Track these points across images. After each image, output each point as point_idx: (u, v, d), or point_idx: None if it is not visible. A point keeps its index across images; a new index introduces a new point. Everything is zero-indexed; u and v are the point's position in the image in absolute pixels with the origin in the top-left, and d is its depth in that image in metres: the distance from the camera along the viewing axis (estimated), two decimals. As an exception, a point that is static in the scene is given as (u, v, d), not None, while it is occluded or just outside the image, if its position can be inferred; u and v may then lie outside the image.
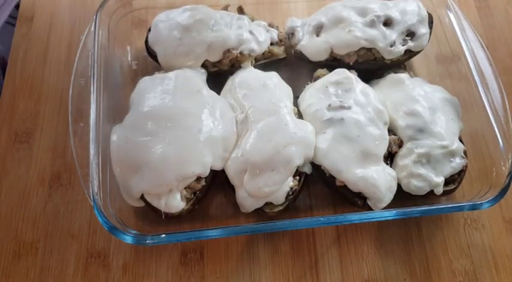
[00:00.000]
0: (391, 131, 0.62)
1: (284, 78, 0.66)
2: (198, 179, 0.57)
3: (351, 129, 0.58)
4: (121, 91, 0.68)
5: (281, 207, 0.58)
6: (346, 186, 0.57)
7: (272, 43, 0.69)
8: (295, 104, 0.64)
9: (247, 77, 0.64)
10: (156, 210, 0.56)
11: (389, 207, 0.57)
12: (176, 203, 0.56)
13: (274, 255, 0.60)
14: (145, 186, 0.55)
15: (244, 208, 0.58)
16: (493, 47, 0.76)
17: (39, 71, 0.72)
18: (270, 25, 0.71)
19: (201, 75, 0.64)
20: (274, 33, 0.70)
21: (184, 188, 0.57)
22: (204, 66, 0.65)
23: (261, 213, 0.58)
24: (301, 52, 0.68)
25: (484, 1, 0.82)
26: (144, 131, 0.56)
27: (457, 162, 0.59)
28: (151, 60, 0.68)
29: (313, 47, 0.67)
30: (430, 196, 0.59)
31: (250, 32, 0.66)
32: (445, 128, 0.60)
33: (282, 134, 0.57)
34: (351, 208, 0.60)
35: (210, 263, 0.59)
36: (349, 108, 0.60)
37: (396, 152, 0.60)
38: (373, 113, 0.60)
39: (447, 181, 0.59)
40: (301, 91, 0.66)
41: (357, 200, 0.58)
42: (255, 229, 0.56)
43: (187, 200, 0.57)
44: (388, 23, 0.67)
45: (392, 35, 0.66)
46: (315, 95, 0.62)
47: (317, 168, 0.59)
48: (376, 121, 0.60)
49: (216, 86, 0.65)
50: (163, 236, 0.53)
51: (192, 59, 0.65)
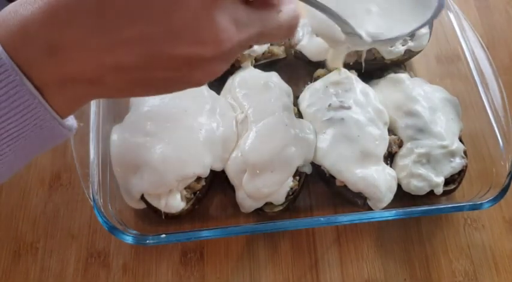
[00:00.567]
0: (391, 131, 0.62)
1: (284, 78, 0.66)
2: (198, 179, 0.57)
3: (351, 129, 0.58)
4: (121, 91, 0.67)
5: (281, 207, 0.58)
6: (346, 186, 0.57)
7: (272, 43, 0.70)
8: (295, 104, 0.64)
9: (247, 77, 0.64)
10: (156, 211, 0.56)
11: (389, 207, 0.57)
12: (176, 203, 0.56)
13: (274, 255, 0.60)
14: (145, 187, 0.55)
15: (244, 208, 0.58)
16: (493, 47, 0.76)
17: (39, 71, 0.72)
18: (270, 25, 0.71)
19: (201, 75, 0.64)
20: (275, 33, 0.70)
21: (184, 188, 0.57)
22: (204, 66, 0.65)
23: (261, 213, 0.58)
24: (301, 52, 0.68)
25: (484, 1, 0.82)
26: (143, 131, 0.56)
27: (457, 162, 0.59)
28: (151, 60, 0.68)
29: (313, 47, 0.67)
30: (430, 196, 0.59)
31: (251, 32, 0.66)
32: (445, 128, 0.60)
33: (282, 134, 0.57)
34: (351, 208, 0.60)
35: (210, 263, 0.59)
36: (349, 108, 0.60)
37: (396, 152, 0.60)
38: (373, 113, 0.60)
39: (447, 181, 0.59)
40: (301, 91, 0.66)
41: (357, 200, 0.58)
42: (255, 229, 0.56)
43: (187, 200, 0.57)
44: (388, 23, 0.66)
45: (392, 35, 0.65)
46: (315, 95, 0.62)
47: (317, 168, 0.60)
48: (376, 121, 0.60)
49: (216, 86, 0.65)
50: (163, 236, 0.53)
51: (192, 59, 0.65)
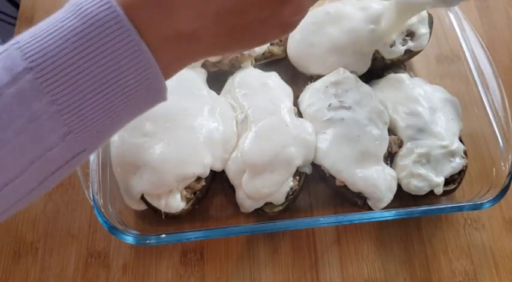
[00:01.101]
0: (391, 131, 0.62)
1: (284, 78, 0.66)
2: (198, 179, 0.57)
3: (351, 129, 0.58)
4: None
5: (281, 207, 0.58)
6: (346, 186, 0.57)
7: (272, 43, 0.69)
8: (295, 104, 0.64)
9: (247, 76, 0.64)
10: (156, 211, 0.56)
11: (389, 207, 0.57)
12: (176, 203, 0.56)
13: (274, 255, 0.60)
14: (145, 187, 0.55)
15: (244, 208, 0.58)
16: (493, 47, 0.76)
17: (39, 71, 0.72)
18: (270, 25, 0.71)
19: (201, 75, 0.64)
20: (275, 33, 0.70)
21: (184, 188, 0.57)
22: (204, 66, 0.65)
23: (261, 213, 0.58)
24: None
25: (484, 1, 0.82)
26: (143, 131, 0.56)
27: (457, 162, 0.59)
28: (151, 60, 0.68)
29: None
30: (430, 196, 0.59)
31: (251, 32, 0.66)
32: (445, 128, 0.60)
33: (282, 135, 0.57)
34: (351, 208, 0.60)
35: (210, 263, 0.59)
36: (349, 108, 0.60)
37: (396, 152, 0.60)
38: (373, 113, 0.60)
39: (447, 181, 0.59)
40: (301, 91, 0.66)
41: (357, 200, 0.58)
42: (255, 229, 0.56)
43: (187, 200, 0.57)
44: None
45: (392, 35, 0.65)
46: (315, 95, 0.62)
47: (317, 168, 0.60)
48: (376, 121, 0.60)
49: (216, 86, 0.65)
50: (163, 236, 0.53)
51: (192, 59, 0.64)
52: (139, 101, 0.31)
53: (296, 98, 0.65)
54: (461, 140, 0.62)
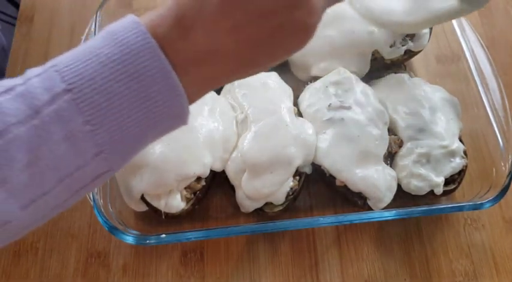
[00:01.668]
0: (391, 131, 0.62)
1: (284, 78, 0.66)
2: (198, 179, 0.57)
3: (351, 129, 0.58)
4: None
5: (281, 207, 0.58)
6: (346, 186, 0.57)
7: (272, 43, 0.69)
8: (295, 104, 0.64)
9: (247, 77, 0.64)
10: (156, 211, 0.56)
11: (389, 207, 0.57)
12: (176, 203, 0.56)
13: (274, 255, 0.60)
14: (145, 187, 0.55)
15: (244, 208, 0.58)
16: (493, 47, 0.76)
17: (39, 71, 0.72)
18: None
19: (201, 75, 0.64)
20: (274, 33, 0.70)
21: (184, 188, 0.57)
22: (204, 66, 0.65)
23: (261, 213, 0.58)
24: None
25: (484, 1, 0.82)
26: (144, 131, 0.56)
27: (457, 162, 0.59)
28: (151, 60, 0.68)
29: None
30: (430, 196, 0.59)
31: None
32: (445, 128, 0.60)
33: (282, 135, 0.57)
34: (351, 208, 0.60)
35: (210, 263, 0.59)
36: (349, 108, 0.60)
37: (396, 152, 0.60)
38: (373, 113, 0.60)
39: (447, 181, 0.59)
40: (301, 91, 0.66)
41: (357, 200, 0.58)
42: (255, 229, 0.56)
43: (187, 200, 0.57)
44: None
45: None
46: (315, 95, 0.62)
47: (317, 168, 0.59)
48: (376, 121, 0.60)
49: (216, 86, 0.65)
50: (163, 236, 0.53)
51: (192, 59, 0.64)
52: (165, 125, 0.33)
53: (296, 98, 0.65)
54: (461, 140, 0.62)
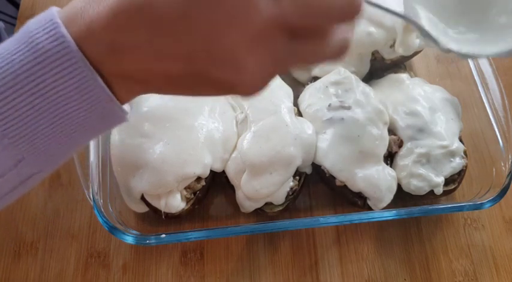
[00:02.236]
0: (391, 131, 0.62)
1: (284, 79, 0.66)
2: (198, 179, 0.57)
3: (351, 129, 0.58)
4: (121, 91, 0.67)
5: (281, 207, 0.58)
6: (346, 186, 0.57)
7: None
8: (295, 104, 0.64)
9: (247, 77, 0.63)
10: (156, 211, 0.56)
11: (389, 207, 0.57)
12: (176, 203, 0.56)
13: (274, 255, 0.60)
14: (145, 187, 0.55)
15: (244, 208, 0.58)
16: (493, 47, 0.76)
17: (39, 71, 0.72)
18: (270, 25, 0.71)
19: (201, 75, 0.64)
20: (274, 33, 0.70)
21: (184, 188, 0.57)
22: (204, 66, 0.65)
23: (261, 213, 0.58)
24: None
25: (484, 1, 0.82)
26: (143, 131, 0.56)
27: (457, 162, 0.59)
28: (151, 60, 0.68)
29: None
30: (430, 196, 0.59)
31: (251, 32, 0.66)
32: (445, 128, 0.60)
33: (282, 135, 0.57)
34: (351, 208, 0.60)
35: (210, 263, 0.59)
36: (349, 108, 0.60)
37: (396, 152, 0.60)
38: (373, 113, 0.60)
39: (447, 181, 0.59)
40: (301, 91, 0.66)
41: (357, 200, 0.58)
42: (255, 229, 0.56)
43: (187, 200, 0.57)
44: (388, 23, 0.66)
45: (392, 35, 0.65)
46: (315, 95, 0.62)
47: (317, 168, 0.59)
48: (376, 121, 0.60)
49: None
50: (163, 236, 0.53)
51: (192, 59, 0.64)
52: (94, 125, 0.31)
53: (296, 98, 0.65)
54: (461, 140, 0.62)
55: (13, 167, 0.30)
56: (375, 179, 0.56)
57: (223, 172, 0.59)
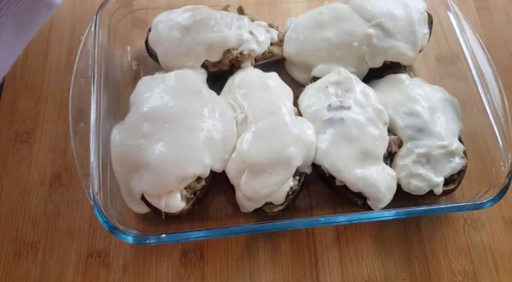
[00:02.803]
0: (391, 131, 0.62)
1: (284, 79, 0.66)
2: (198, 179, 0.57)
3: (351, 129, 0.58)
4: (121, 91, 0.68)
5: (281, 207, 0.58)
6: (346, 186, 0.57)
7: (272, 43, 0.70)
8: (295, 104, 0.64)
9: (247, 77, 0.64)
10: (156, 210, 0.56)
11: (389, 207, 0.57)
12: (176, 203, 0.56)
13: (274, 255, 0.60)
14: (145, 187, 0.55)
15: (244, 208, 0.58)
16: (493, 47, 0.76)
17: (40, 71, 0.72)
18: (270, 25, 0.71)
19: (201, 75, 0.64)
20: (274, 34, 0.70)
21: (185, 188, 0.57)
22: (204, 66, 0.65)
23: (261, 213, 0.58)
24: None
25: (484, 1, 0.82)
26: (143, 131, 0.56)
27: (457, 162, 0.59)
28: (151, 60, 0.69)
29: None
30: (429, 196, 0.59)
31: (251, 32, 0.66)
32: (444, 128, 0.60)
33: (282, 135, 0.57)
34: (351, 208, 0.60)
35: (210, 263, 0.59)
36: (349, 108, 0.60)
37: (396, 152, 0.60)
38: (373, 113, 0.60)
39: (447, 181, 0.59)
40: (301, 91, 0.66)
41: (356, 200, 0.58)
42: (255, 229, 0.56)
43: (187, 200, 0.57)
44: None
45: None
46: (314, 95, 0.63)
47: (317, 168, 0.60)
48: (376, 121, 0.60)
49: (216, 86, 0.65)
50: (163, 236, 0.53)
51: (192, 59, 0.65)
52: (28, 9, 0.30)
53: (296, 98, 0.65)
54: (461, 140, 0.62)
55: None
56: (375, 179, 0.56)
57: (223, 172, 0.59)
